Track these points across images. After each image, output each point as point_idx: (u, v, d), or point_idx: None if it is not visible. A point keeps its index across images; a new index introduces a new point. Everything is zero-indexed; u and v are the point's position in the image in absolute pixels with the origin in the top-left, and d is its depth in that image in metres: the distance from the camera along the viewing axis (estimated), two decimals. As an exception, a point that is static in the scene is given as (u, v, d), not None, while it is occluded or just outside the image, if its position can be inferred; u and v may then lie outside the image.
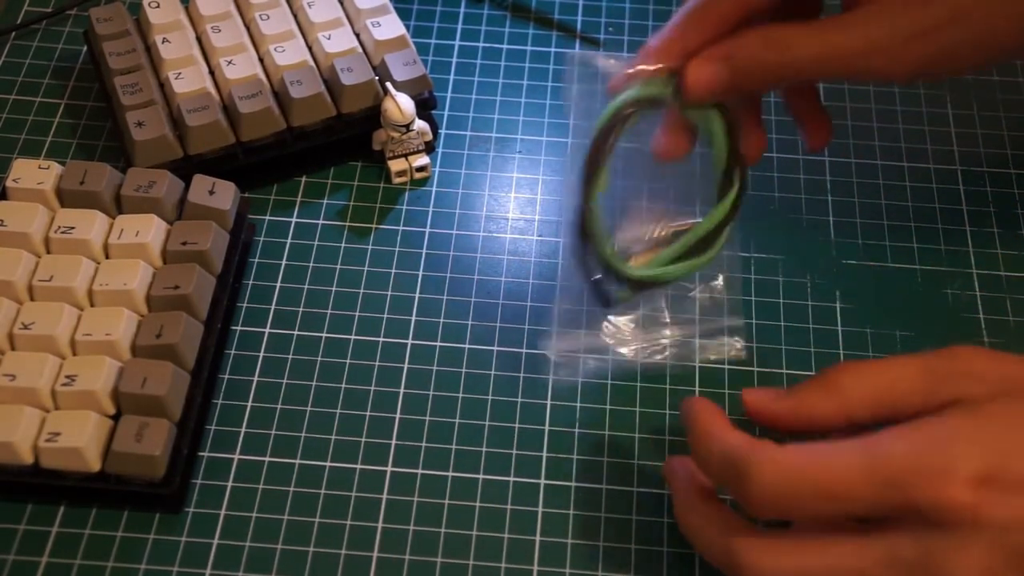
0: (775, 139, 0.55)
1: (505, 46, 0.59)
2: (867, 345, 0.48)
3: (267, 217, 0.51)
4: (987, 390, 0.36)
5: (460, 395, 0.46)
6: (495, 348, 0.48)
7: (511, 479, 0.44)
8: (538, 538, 0.43)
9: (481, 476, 0.44)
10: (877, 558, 0.34)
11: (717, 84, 0.39)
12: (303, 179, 0.53)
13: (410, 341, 0.48)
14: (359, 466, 0.44)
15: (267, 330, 0.48)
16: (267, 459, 0.44)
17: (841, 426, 0.38)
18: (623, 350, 0.46)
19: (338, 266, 0.50)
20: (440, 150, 0.54)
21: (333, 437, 0.45)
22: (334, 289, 0.49)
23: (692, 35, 0.40)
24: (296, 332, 0.48)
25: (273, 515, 0.43)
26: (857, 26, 0.39)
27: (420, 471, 0.44)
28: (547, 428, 0.45)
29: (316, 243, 0.51)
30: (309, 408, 0.46)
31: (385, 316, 0.48)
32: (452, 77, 0.57)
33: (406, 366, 0.47)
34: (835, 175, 0.53)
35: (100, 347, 0.43)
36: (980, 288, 0.50)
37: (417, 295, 0.49)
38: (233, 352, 0.47)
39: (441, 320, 0.48)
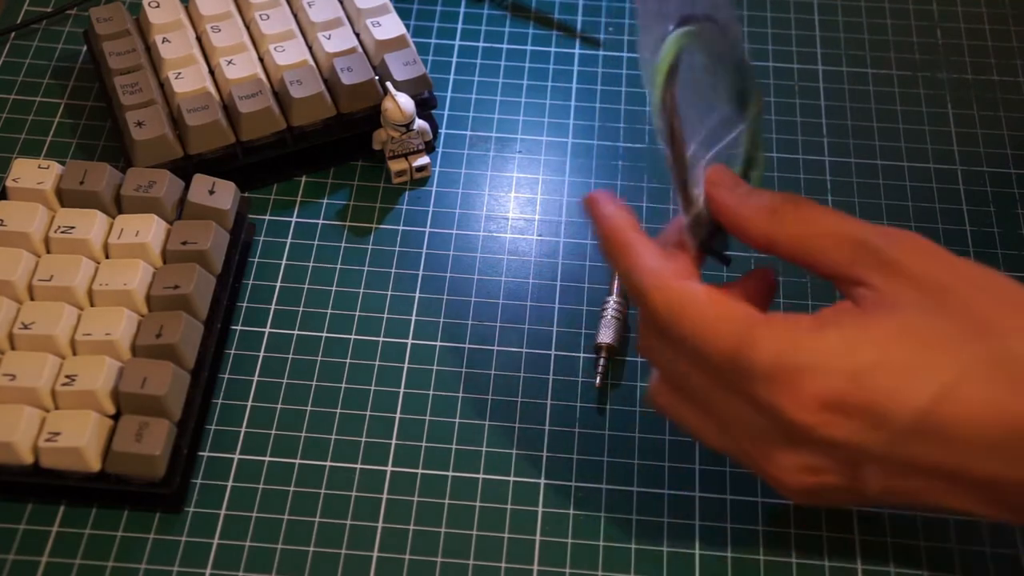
0: (775, 139, 0.55)
1: (505, 46, 0.59)
2: (867, 345, 0.48)
3: (267, 217, 0.52)
4: (900, 289, 0.35)
5: (460, 395, 0.46)
6: (495, 348, 0.48)
7: (511, 479, 0.44)
8: (538, 538, 0.43)
9: (481, 476, 0.44)
10: (723, 407, 0.36)
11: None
12: (303, 179, 0.53)
13: (410, 341, 0.48)
14: (359, 466, 0.44)
15: (267, 330, 0.48)
16: (267, 459, 0.44)
17: (759, 248, 0.38)
18: None
19: (338, 266, 0.50)
20: (440, 150, 0.54)
21: (333, 437, 0.45)
22: (334, 289, 0.49)
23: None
24: (296, 332, 0.48)
25: (273, 515, 0.43)
26: None
27: (420, 471, 0.44)
28: (547, 428, 0.45)
29: (316, 243, 0.51)
30: (309, 408, 0.46)
31: (385, 316, 0.48)
32: (452, 77, 0.57)
33: (406, 366, 0.47)
34: (835, 175, 0.53)
35: (100, 347, 0.43)
36: (980, 288, 0.50)
37: (417, 295, 0.49)
38: (233, 352, 0.47)
39: (441, 320, 0.48)
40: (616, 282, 0.48)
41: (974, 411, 0.33)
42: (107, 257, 0.46)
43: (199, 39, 0.54)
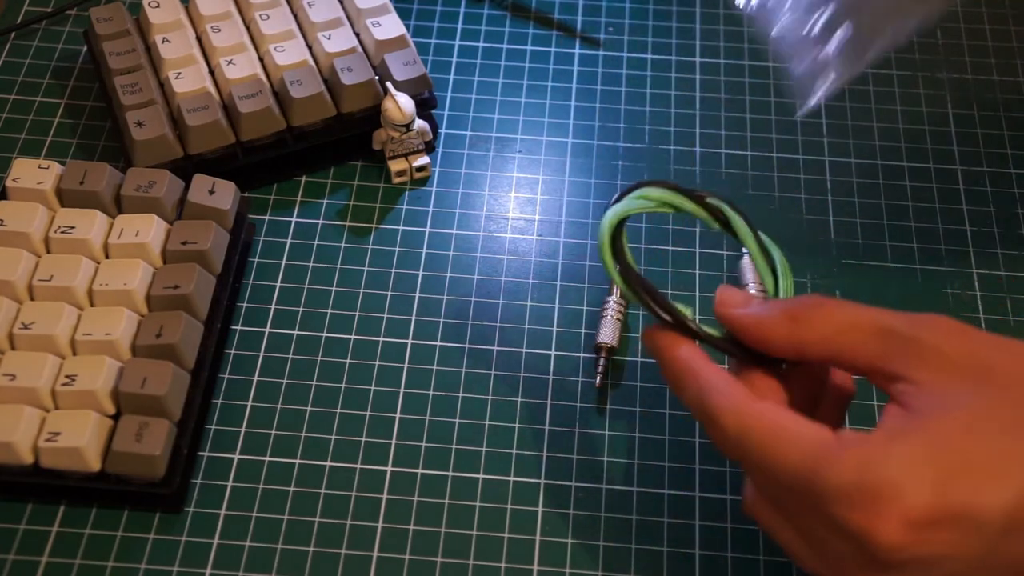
0: (775, 139, 0.55)
1: (505, 46, 0.59)
2: (867, 345, 0.48)
3: (267, 217, 0.51)
4: (941, 378, 0.34)
5: (460, 395, 0.46)
6: (495, 348, 0.48)
7: (511, 479, 0.44)
8: (538, 538, 0.43)
9: (481, 476, 0.44)
10: (811, 529, 0.35)
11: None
12: (303, 179, 0.53)
13: (410, 341, 0.48)
14: (359, 466, 0.44)
15: (267, 330, 0.48)
16: (267, 459, 0.44)
17: (790, 358, 0.37)
18: None
19: (338, 266, 0.50)
20: (440, 150, 0.54)
21: (333, 437, 0.45)
22: (334, 289, 0.49)
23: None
24: (296, 332, 0.48)
25: (273, 515, 0.43)
26: None
27: (420, 471, 0.44)
28: (547, 428, 0.45)
29: (316, 243, 0.51)
30: (309, 408, 0.46)
31: (385, 316, 0.48)
32: (452, 77, 0.57)
33: (406, 366, 0.47)
34: (835, 175, 0.53)
35: (100, 347, 0.43)
36: (980, 288, 0.50)
37: (417, 295, 0.49)
38: (233, 352, 0.47)
39: (441, 320, 0.48)
40: None
41: None
42: (107, 257, 0.46)
43: (199, 39, 0.54)
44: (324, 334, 0.48)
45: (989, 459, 0.33)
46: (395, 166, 0.52)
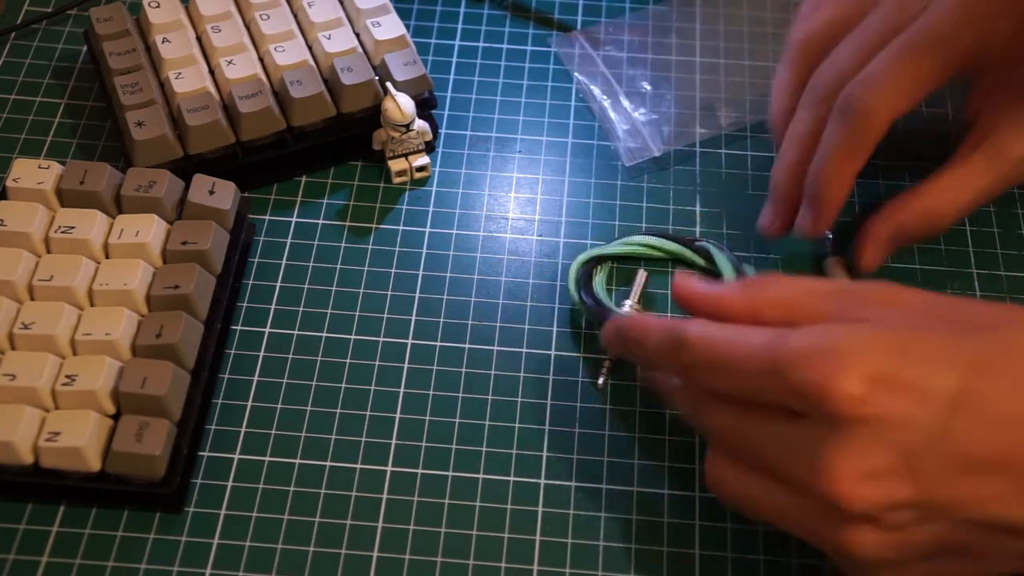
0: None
1: (505, 46, 0.59)
2: (867, 345, 0.48)
3: (267, 217, 0.52)
4: (891, 308, 0.36)
5: (460, 395, 0.46)
6: (495, 348, 0.48)
7: (511, 479, 0.44)
8: (538, 538, 0.43)
9: (481, 476, 0.44)
10: (771, 440, 0.36)
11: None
12: (303, 179, 0.53)
13: (410, 341, 0.48)
14: (359, 466, 0.44)
15: (267, 330, 0.48)
16: (267, 459, 0.44)
17: (748, 319, 0.39)
18: None
19: (338, 266, 0.50)
20: (440, 150, 0.54)
21: (333, 437, 0.45)
22: (334, 289, 0.49)
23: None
24: (296, 332, 0.48)
25: (273, 515, 0.43)
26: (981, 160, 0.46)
27: (420, 471, 0.44)
28: (547, 428, 0.45)
29: (316, 243, 0.51)
30: (309, 408, 0.46)
31: (385, 316, 0.48)
32: (452, 77, 0.57)
33: (406, 366, 0.47)
34: (835, 175, 0.53)
35: (100, 347, 0.43)
36: (980, 288, 0.50)
37: (417, 295, 0.49)
38: (233, 352, 0.47)
39: (441, 320, 0.48)
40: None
41: (1009, 382, 0.33)
42: (107, 257, 0.46)
43: (199, 39, 0.54)
44: (324, 334, 0.48)
45: (937, 345, 0.34)
46: (395, 166, 0.52)
